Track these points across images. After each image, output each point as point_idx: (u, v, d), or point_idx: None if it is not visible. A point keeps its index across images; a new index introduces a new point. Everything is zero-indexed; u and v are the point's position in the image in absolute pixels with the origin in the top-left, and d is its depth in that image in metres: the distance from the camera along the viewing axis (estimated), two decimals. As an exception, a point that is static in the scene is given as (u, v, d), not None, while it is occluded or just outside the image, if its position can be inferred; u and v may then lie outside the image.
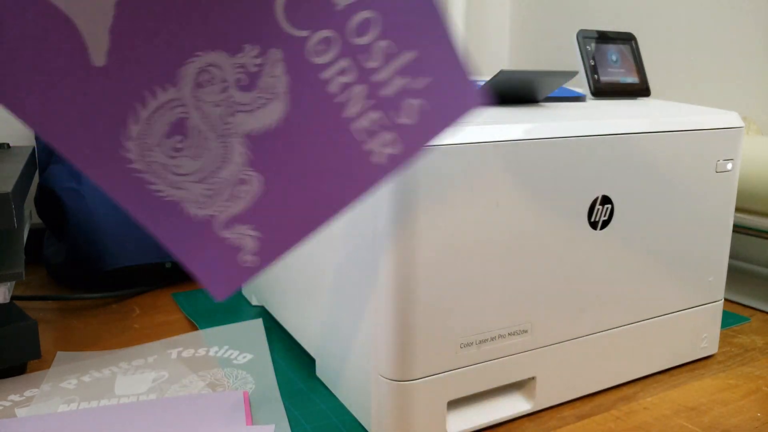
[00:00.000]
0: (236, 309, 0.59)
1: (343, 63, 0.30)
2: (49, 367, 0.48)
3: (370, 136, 0.31)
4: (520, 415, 0.41)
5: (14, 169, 0.50)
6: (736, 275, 0.63)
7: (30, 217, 0.66)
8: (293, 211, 0.32)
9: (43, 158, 0.65)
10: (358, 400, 0.40)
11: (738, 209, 0.60)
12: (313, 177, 0.32)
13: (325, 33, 0.30)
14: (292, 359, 0.49)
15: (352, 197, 0.32)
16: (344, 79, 0.30)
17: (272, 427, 0.38)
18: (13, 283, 0.47)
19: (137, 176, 0.30)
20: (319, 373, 0.46)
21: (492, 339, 0.39)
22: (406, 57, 0.30)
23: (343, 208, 0.32)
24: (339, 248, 0.40)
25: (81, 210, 0.61)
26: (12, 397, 0.43)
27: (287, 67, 0.30)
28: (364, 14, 0.30)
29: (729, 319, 0.58)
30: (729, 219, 0.49)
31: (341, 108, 0.30)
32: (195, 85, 0.30)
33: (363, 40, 0.30)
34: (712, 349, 0.50)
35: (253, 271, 0.32)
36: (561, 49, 1.00)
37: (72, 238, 0.62)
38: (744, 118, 0.69)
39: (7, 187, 0.43)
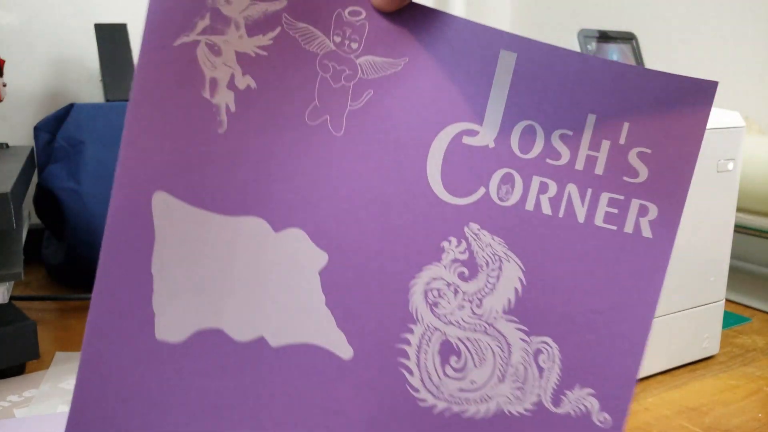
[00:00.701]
0: (236, 309, 0.58)
1: (536, 181, 0.28)
2: (47, 367, 0.47)
3: (618, 219, 0.28)
4: (520, 415, 0.41)
5: (13, 169, 0.50)
6: (737, 275, 0.63)
7: (29, 217, 0.66)
8: (607, 344, 0.28)
9: (42, 158, 0.65)
10: (358, 401, 0.40)
11: (739, 209, 0.60)
12: (595, 299, 0.28)
13: (498, 174, 0.29)
14: (291, 360, 0.48)
15: (653, 294, 0.28)
16: (549, 194, 0.28)
17: (272, 428, 0.38)
18: (12, 283, 0.47)
19: (448, 415, 0.29)
20: (318, 373, 0.46)
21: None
22: (589, 122, 0.28)
23: (653, 306, 0.28)
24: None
25: (80, 210, 0.61)
26: (11, 397, 0.43)
27: (490, 229, 0.29)
28: (519, 128, 0.28)
29: (730, 319, 0.58)
30: (730, 219, 0.49)
31: (571, 219, 0.28)
32: (431, 307, 0.29)
33: (535, 150, 0.28)
34: (714, 349, 0.50)
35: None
36: (561, 49, 1.00)
37: (71, 238, 0.62)
38: (745, 118, 0.69)
39: (6, 187, 0.43)
